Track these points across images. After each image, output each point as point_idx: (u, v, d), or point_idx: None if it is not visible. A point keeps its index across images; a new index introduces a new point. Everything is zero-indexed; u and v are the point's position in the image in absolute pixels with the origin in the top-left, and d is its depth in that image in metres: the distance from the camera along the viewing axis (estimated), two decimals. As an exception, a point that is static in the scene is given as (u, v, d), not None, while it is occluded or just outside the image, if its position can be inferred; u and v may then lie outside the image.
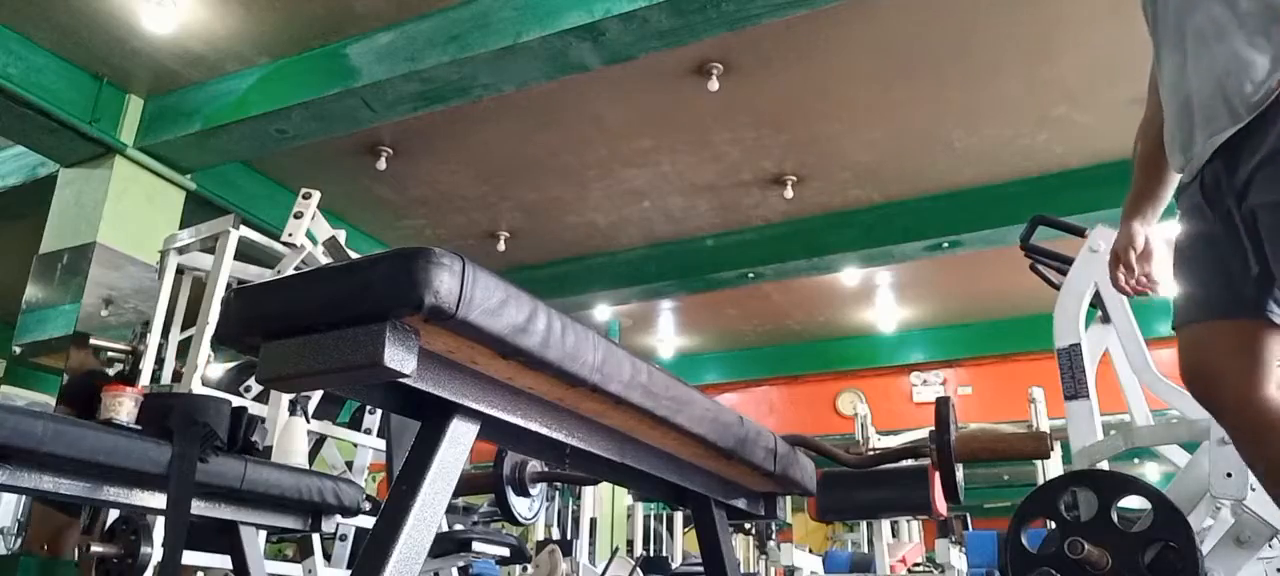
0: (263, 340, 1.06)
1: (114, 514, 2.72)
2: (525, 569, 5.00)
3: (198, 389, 3.29)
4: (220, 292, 3.47)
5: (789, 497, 2.51)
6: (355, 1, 4.72)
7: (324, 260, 3.74)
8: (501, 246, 7.47)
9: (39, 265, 5.49)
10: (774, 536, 6.56)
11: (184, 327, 3.88)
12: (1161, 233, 1.88)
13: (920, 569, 6.11)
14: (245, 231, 3.67)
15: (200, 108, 5.40)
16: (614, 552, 5.14)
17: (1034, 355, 7.98)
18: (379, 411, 3.88)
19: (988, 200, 6.43)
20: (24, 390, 6.61)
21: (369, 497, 2.84)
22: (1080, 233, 2.90)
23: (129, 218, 5.44)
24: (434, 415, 1.13)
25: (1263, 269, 1.42)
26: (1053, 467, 5.36)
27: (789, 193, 6.47)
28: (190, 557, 2.78)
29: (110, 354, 4.01)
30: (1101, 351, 2.90)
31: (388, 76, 4.76)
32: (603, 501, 6.91)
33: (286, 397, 3.35)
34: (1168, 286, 1.72)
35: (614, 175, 6.46)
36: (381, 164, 6.13)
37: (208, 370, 3.49)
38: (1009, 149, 5.91)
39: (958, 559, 5.49)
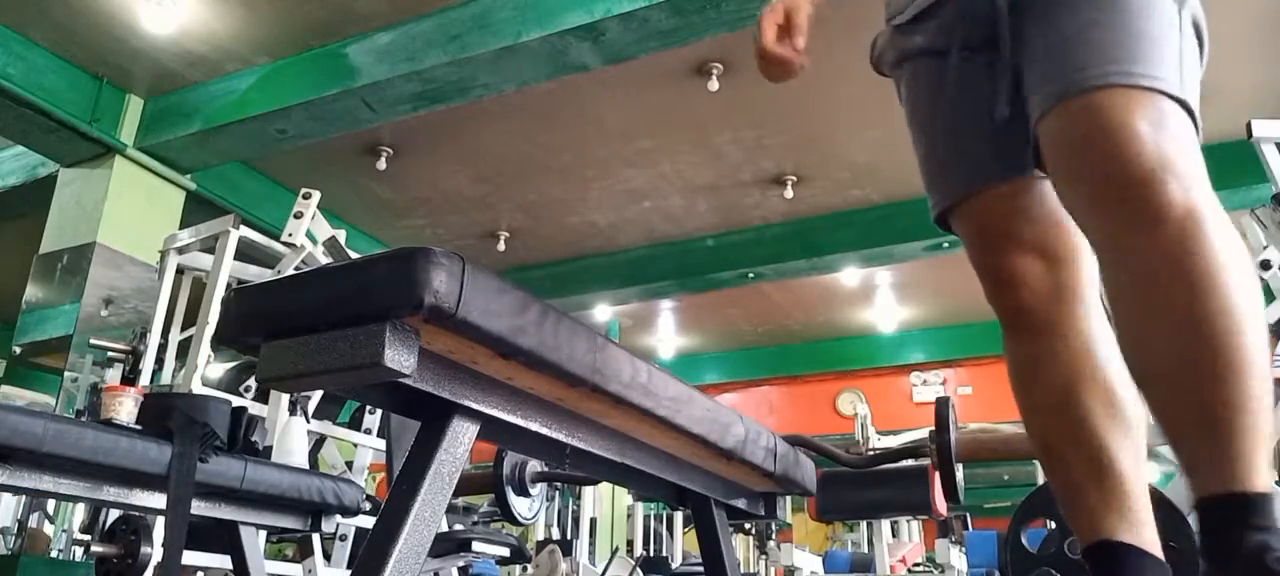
0: (263, 340, 1.06)
1: (114, 514, 2.72)
2: (525, 569, 5.00)
3: (198, 389, 3.29)
4: (220, 292, 3.47)
5: (789, 497, 2.51)
6: (355, 1, 4.72)
7: (324, 260, 3.74)
8: (501, 246, 7.46)
9: (39, 265, 5.48)
10: (774, 536, 6.55)
11: (184, 328, 3.88)
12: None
13: (920, 569, 6.11)
14: (245, 231, 3.66)
15: (200, 108, 5.40)
16: (614, 552, 5.13)
17: (1034, 355, 7.96)
18: (379, 411, 3.88)
19: (988, 200, 6.42)
20: (24, 390, 6.60)
21: (369, 497, 2.84)
22: (1080, 232, 2.89)
23: (129, 217, 5.44)
24: (434, 415, 1.13)
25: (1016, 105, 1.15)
26: (1053, 467, 5.34)
27: (789, 193, 6.47)
28: (190, 557, 2.78)
29: (110, 354, 4.01)
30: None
31: (388, 76, 4.76)
32: (603, 501, 6.90)
33: (286, 397, 3.35)
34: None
35: (614, 175, 6.46)
36: (381, 164, 6.12)
37: (208, 370, 3.49)
38: (1009, 149, 5.90)
39: (958, 559, 5.49)
